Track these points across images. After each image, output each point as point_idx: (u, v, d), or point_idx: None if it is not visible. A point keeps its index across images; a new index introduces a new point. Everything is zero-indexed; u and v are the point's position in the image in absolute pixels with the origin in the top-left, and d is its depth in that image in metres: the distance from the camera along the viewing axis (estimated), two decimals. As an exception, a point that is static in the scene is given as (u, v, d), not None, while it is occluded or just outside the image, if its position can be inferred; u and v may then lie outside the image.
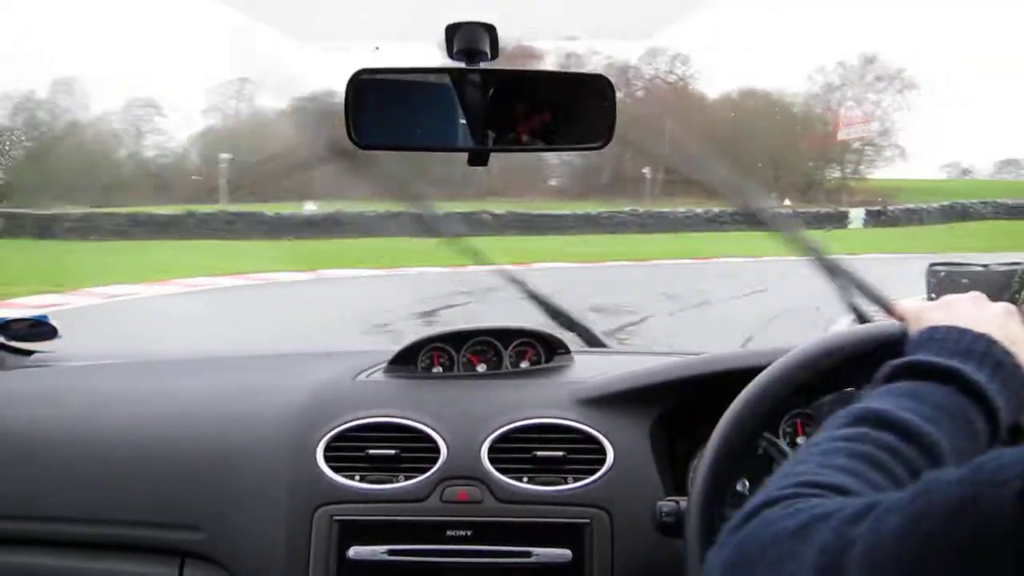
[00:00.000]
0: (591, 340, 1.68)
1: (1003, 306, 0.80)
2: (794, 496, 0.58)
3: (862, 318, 1.32)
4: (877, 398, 0.68)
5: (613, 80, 1.14)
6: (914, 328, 0.78)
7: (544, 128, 1.19)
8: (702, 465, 0.95)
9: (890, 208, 21.24)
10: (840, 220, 20.02)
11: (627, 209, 19.36)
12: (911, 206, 21.81)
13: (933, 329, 0.75)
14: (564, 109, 1.18)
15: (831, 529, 0.51)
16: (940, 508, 0.45)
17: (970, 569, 0.43)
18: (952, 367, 0.69)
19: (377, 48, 1.13)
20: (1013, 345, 0.73)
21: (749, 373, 0.99)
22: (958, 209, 22.33)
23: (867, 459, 0.61)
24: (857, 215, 20.59)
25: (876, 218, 20.64)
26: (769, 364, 0.98)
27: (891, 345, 0.95)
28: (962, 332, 0.73)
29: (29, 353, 1.72)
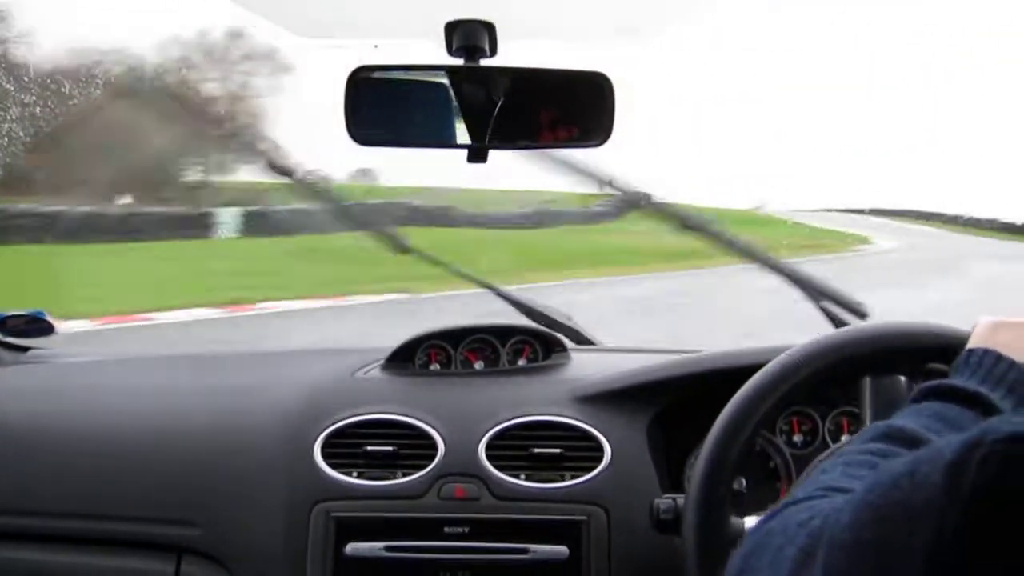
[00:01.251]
0: (580, 339, 1.67)
1: None
2: (818, 497, 0.61)
3: (836, 322, 1.35)
4: (904, 416, 0.70)
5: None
6: (973, 342, 0.78)
7: (543, 125, 1.19)
8: (698, 463, 0.96)
9: (274, 209, 16.01)
10: (204, 225, 14.70)
11: None
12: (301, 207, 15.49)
13: (970, 352, 0.76)
14: (563, 106, 1.18)
15: (821, 516, 0.54)
16: (883, 484, 0.49)
17: (895, 535, 0.46)
18: (978, 393, 0.71)
19: (376, 46, 1.13)
20: None
21: (747, 371, 1.00)
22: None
23: None
24: (229, 217, 15.38)
25: (255, 222, 15.50)
26: (767, 362, 0.98)
27: (894, 347, 0.96)
28: (998, 358, 0.74)
29: (25, 349, 1.72)
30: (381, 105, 1.13)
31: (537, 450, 1.26)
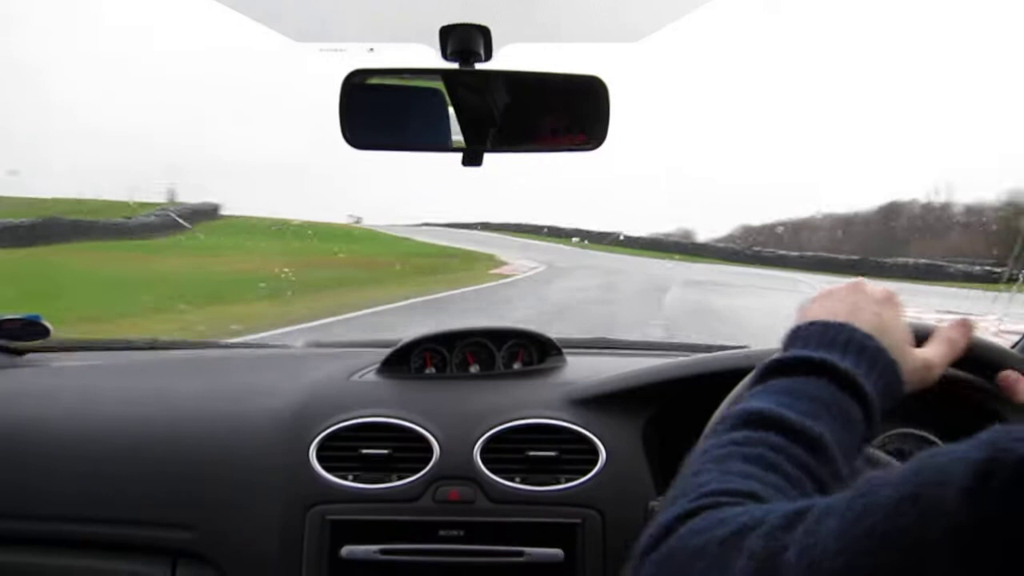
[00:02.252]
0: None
1: (883, 292, 0.81)
2: (713, 506, 0.57)
3: None
4: (755, 398, 0.68)
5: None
6: (796, 321, 0.78)
7: (538, 128, 1.19)
8: (685, 466, 0.96)
9: None
10: None
11: None
12: None
13: (796, 328, 0.76)
14: (558, 110, 1.19)
15: (761, 535, 0.50)
16: (881, 506, 0.46)
17: (909, 562, 0.44)
18: (820, 358, 0.70)
19: (371, 49, 1.14)
20: (884, 333, 0.74)
21: (742, 373, 1.00)
22: None
23: (761, 461, 0.61)
24: None
25: None
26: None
27: None
28: (825, 325, 0.74)
29: (22, 352, 1.72)
30: (376, 109, 1.13)
31: (532, 453, 1.27)
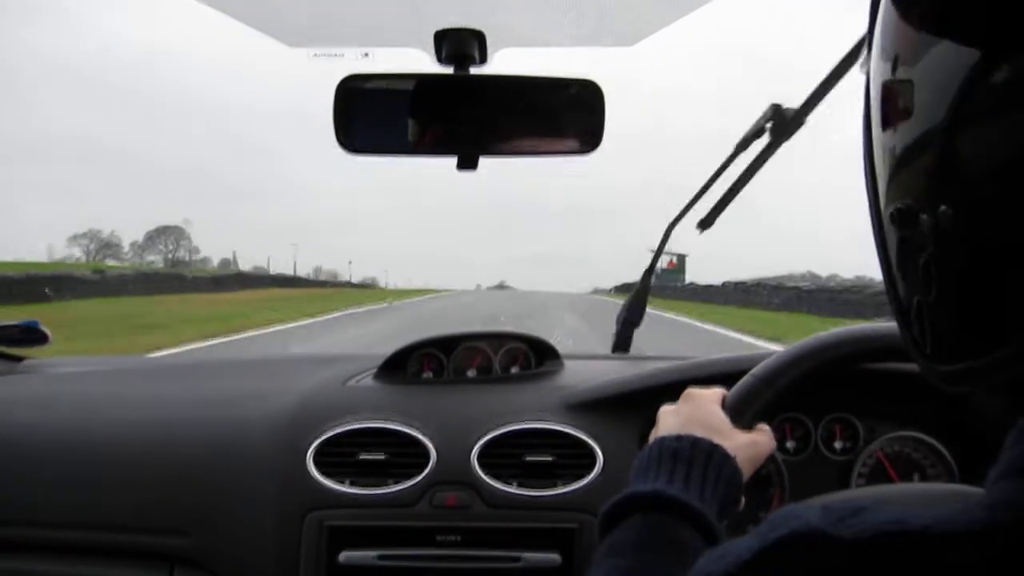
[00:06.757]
0: (621, 345, 1.78)
1: (711, 394, 0.89)
2: None
3: None
4: (594, 569, 0.71)
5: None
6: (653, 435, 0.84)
7: (533, 132, 1.19)
8: None
9: None
10: None
11: None
12: None
13: (640, 457, 0.80)
14: (553, 114, 1.19)
15: None
16: None
17: None
18: (644, 493, 0.73)
19: (367, 54, 1.14)
20: (715, 433, 0.80)
21: (736, 377, 1.00)
22: None
23: None
24: None
25: None
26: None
27: (870, 345, 0.97)
28: (658, 443, 0.78)
29: (20, 359, 1.72)
30: (371, 113, 1.13)
31: (529, 458, 1.26)
